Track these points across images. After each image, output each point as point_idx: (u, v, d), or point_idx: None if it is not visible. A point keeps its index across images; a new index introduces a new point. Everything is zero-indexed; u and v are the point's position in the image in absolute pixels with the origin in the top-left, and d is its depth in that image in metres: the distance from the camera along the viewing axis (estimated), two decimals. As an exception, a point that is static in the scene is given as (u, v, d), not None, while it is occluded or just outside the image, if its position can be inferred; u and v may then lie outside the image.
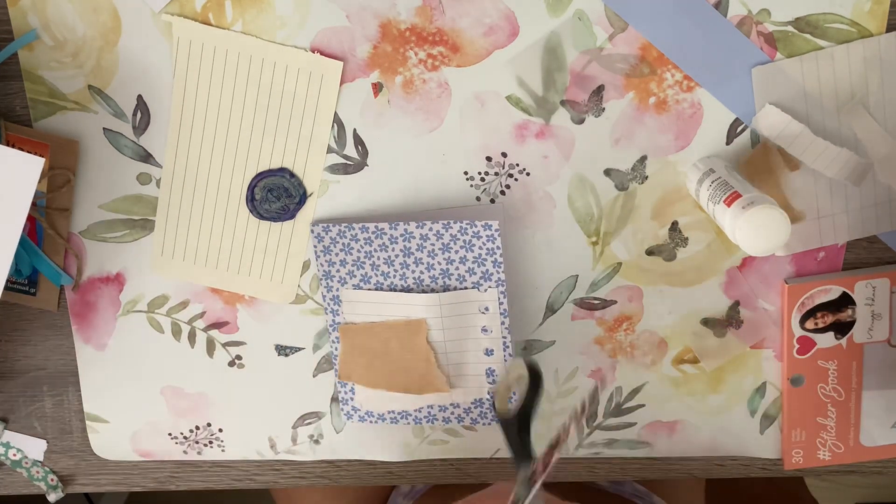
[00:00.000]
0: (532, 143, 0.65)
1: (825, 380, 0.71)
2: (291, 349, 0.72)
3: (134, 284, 0.70)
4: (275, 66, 0.63)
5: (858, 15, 0.61)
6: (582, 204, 0.66)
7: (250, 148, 0.65)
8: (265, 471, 0.77)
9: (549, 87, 0.63)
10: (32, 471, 0.77)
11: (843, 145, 0.64)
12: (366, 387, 0.71)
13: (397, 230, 0.65)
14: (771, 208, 0.57)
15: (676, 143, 0.65)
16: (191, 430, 0.75)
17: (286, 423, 0.74)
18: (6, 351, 0.73)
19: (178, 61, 0.63)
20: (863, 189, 0.65)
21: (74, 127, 0.66)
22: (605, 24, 0.62)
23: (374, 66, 0.63)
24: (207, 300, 0.70)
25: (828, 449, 0.73)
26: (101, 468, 0.77)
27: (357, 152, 0.66)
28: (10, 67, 0.64)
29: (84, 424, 0.75)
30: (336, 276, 0.68)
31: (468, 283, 0.66)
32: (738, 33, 0.62)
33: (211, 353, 0.72)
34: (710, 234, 0.67)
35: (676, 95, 0.63)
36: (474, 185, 0.66)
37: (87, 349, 0.72)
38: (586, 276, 0.69)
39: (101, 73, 0.64)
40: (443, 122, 0.65)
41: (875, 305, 0.69)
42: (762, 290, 0.69)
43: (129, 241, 0.69)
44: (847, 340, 0.70)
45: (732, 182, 0.60)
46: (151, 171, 0.67)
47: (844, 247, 0.68)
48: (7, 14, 0.63)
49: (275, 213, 0.67)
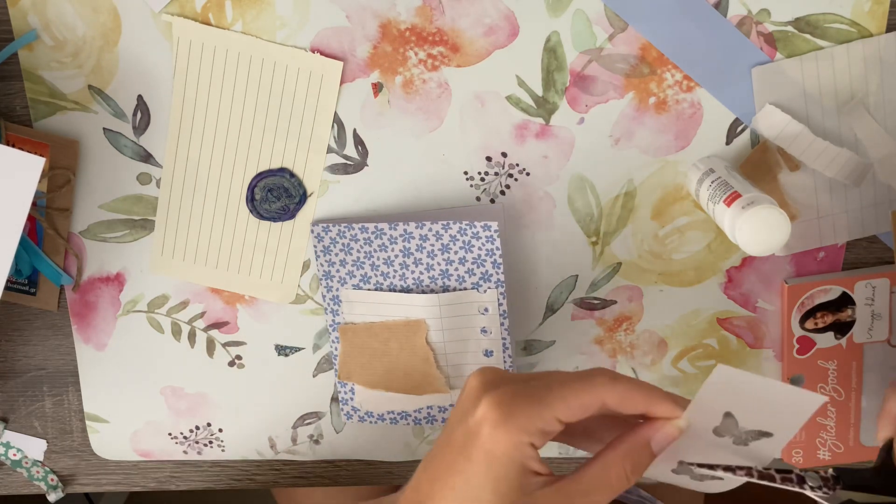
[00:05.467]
0: (532, 143, 0.65)
1: (825, 380, 0.71)
2: (291, 349, 0.72)
3: (134, 284, 0.70)
4: (275, 66, 0.63)
5: (858, 15, 0.61)
6: (582, 204, 0.66)
7: (250, 148, 0.65)
8: (265, 471, 0.77)
9: (549, 87, 0.63)
10: (32, 471, 0.77)
11: (843, 145, 0.64)
12: (365, 387, 0.71)
13: (397, 230, 0.65)
14: (771, 208, 0.57)
15: (676, 143, 0.65)
16: (191, 430, 0.75)
17: (286, 423, 0.74)
18: (6, 351, 0.73)
19: (178, 61, 0.64)
20: (863, 189, 0.65)
21: (74, 127, 0.66)
22: (605, 24, 0.62)
23: (374, 66, 0.63)
24: (207, 300, 0.70)
25: (828, 449, 0.73)
26: (101, 468, 0.77)
27: (357, 152, 0.66)
28: (10, 67, 0.64)
29: (84, 424, 0.75)
30: (336, 276, 0.68)
31: (468, 284, 0.66)
32: (738, 33, 0.62)
33: (211, 353, 0.72)
34: (710, 234, 0.67)
35: (676, 95, 0.63)
36: (474, 185, 0.66)
37: (87, 349, 0.72)
38: (586, 276, 0.69)
39: (101, 73, 0.64)
40: (443, 122, 0.65)
41: (875, 305, 0.69)
42: (762, 290, 0.69)
43: (129, 241, 0.69)
44: (847, 340, 0.70)
45: (732, 182, 0.60)
46: (151, 171, 0.67)
47: (844, 247, 0.68)
48: (7, 14, 0.63)
49: (275, 213, 0.67)
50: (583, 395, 0.47)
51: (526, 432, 0.46)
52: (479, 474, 0.46)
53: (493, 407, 0.46)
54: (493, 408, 0.46)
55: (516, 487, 0.46)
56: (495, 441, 0.46)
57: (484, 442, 0.46)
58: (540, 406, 0.46)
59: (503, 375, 0.49)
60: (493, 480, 0.46)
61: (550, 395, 0.46)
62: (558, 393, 0.47)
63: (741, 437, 0.48)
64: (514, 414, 0.46)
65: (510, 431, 0.46)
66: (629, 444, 0.48)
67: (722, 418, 0.47)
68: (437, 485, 0.47)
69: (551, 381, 0.47)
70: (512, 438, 0.46)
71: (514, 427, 0.46)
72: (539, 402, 0.46)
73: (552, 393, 0.47)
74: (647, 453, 0.48)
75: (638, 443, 0.48)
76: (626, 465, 0.47)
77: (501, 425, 0.46)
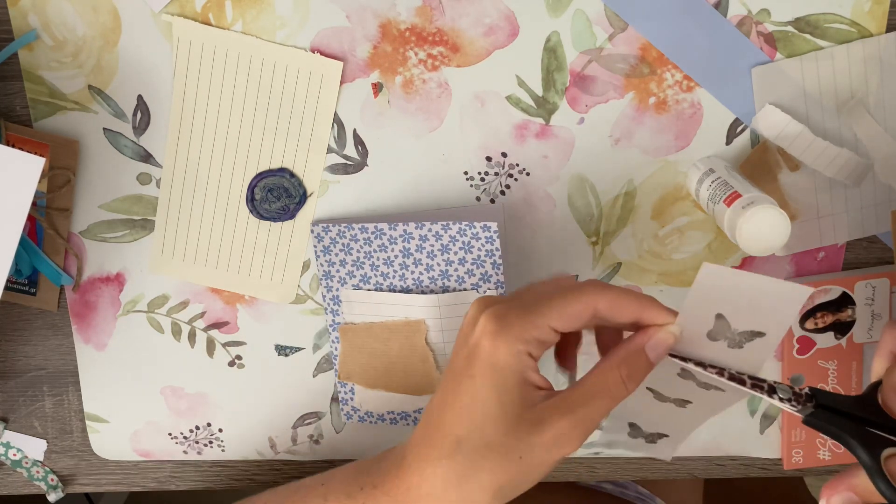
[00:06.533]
0: (532, 143, 0.65)
1: (825, 380, 0.71)
2: (291, 349, 0.72)
3: (134, 284, 0.70)
4: (275, 66, 0.63)
5: (858, 15, 0.61)
6: (582, 204, 0.66)
7: (250, 148, 0.65)
8: (265, 471, 0.77)
9: (549, 87, 0.63)
10: (32, 471, 0.77)
11: (843, 145, 0.64)
12: (365, 387, 0.71)
13: (396, 231, 0.65)
14: (771, 208, 0.57)
15: (676, 143, 0.65)
16: (191, 430, 0.75)
17: (286, 423, 0.74)
18: (6, 351, 0.73)
19: (178, 61, 0.64)
20: (863, 189, 0.65)
21: (74, 127, 0.66)
22: (605, 24, 0.62)
23: (373, 66, 0.63)
24: (207, 300, 0.70)
25: (828, 449, 0.73)
26: (101, 468, 0.77)
27: (357, 152, 0.66)
28: (10, 67, 0.64)
29: (84, 424, 0.75)
30: (336, 276, 0.68)
31: (467, 285, 0.66)
32: (738, 33, 0.62)
33: (211, 353, 0.72)
34: (710, 234, 0.67)
35: (676, 95, 0.63)
36: (474, 185, 0.66)
37: (87, 349, 0.72)
38: (586, 276, 0.69)
39: (101, 73, 0.64)
40: (443, 122, 0.65)
41: (875, 305, 0.69)
42: (762, 290, 0.69)
43: (129, 241, 0.69)
44: (847, 340, 0.70)
45: (732, 182, 0.60)
46: (151, 171, 0.67)
47: (844, 247, 0.68)
48: (7, 14, 0.63)
49: (275, 213, 0.67)
50: (575, 303, 0.48)
51: (522, 341, 0.47)
52: (484, 387, 0.48)
53: (490, 321, 0.48)
54: (490, 321, 0.48)
55: (518, 399, 0.48)
56: (495, 350, 0.47)
57: (485, 355, 0.48)
58: (534, 315, 0.48)
59: (498, 297, 0.51)
60: (497, 392, 0.47)
61: (544, 306, 0.48)
62: (551, 303, 0.48)
63: (735, 338, 0.48)
64: (510, 324, 0.48)
65: (508, 341, 0.47)
66: (625, 351, 0.49)
67: (714, 321, 0.47)
68: (447, 408, 0.49)
69: (544, 292, 0.49)
70: (510, 347, 0.47)
71: (511, 336, 0.47)
72: (533, 312, 0.48)
73: (545, 303, 0.48)
74: (643, 359, 0.49)
75: (633, 349, 0.49)
76: (622, 371, 0.48)
77: (499, 335, 0.47)
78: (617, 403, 0.49)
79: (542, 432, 0.47)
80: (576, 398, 0.48)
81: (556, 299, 0.48)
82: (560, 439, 0.47)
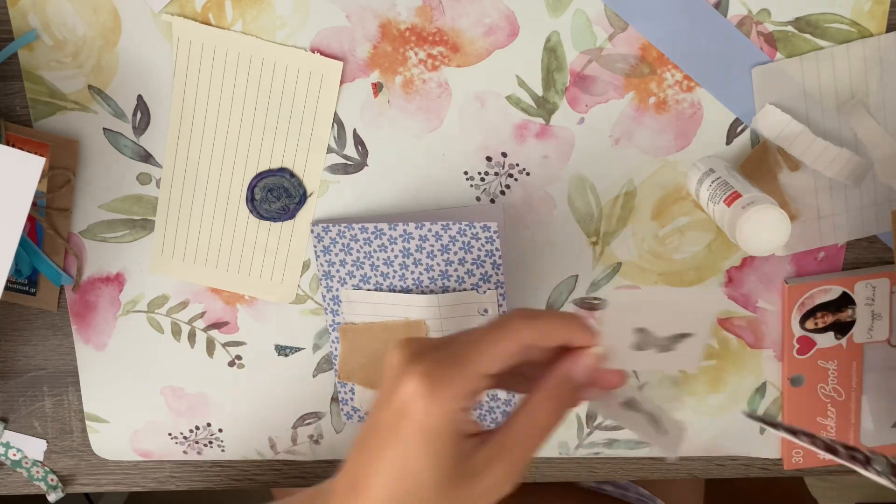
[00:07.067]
0: (532, 143, 0.65)
1: (825, 380, 0.71)
2: (291, 349, 0.72)
3: (134, 284, 0.70)
4: (275, 66, 0.63)
5: (858, 15, 0.61)
6: (582, 204, 0.66)
7: (250, 148, 0.65)
8: (265, 471, 0.77)
9: (549, 87, 0.63)
10: (32, 471, 0.77)
11: (843, 145, 0.64)
12: (365, 387, 0.71)
13: (396, 231, 0.65)
14: (771, 208, 0.57)
15: (676, 143, 0.65)
16: (191, 430, 0.75)
17: (286, 423, 0.74)
18: (6, 351, 0.73)
19: (178, 61, 0.64)
20: (863, 189, 0.65)
21: (74, 127, 0.66)
22: (605, 24, 0.62)
23: (373, 66, 0.63)
24: (207, 300, 0.70)
25: (828, 449, 0.73)
26: (101, 468, 0.77)
27: (357, 152, 0.66)
28: (10, 67, 0.64)
29: (84, 424, 0.75)
30: (336, 276, 0.68)
31: (467, 285, 0.66)
32: (738, 33, 0.62)
33: (211, 353, 0.72)
34: (710, 234, 0.67)
35: (676, 95, 0.63)
36: (474, 185, 0.66)
37: (87, 349, 0.72)
38: (586, 276, 0.69)
39: (101, 73, 0.64)
40: (443, 122, 0.65)
41: (875, 305, 0.69)
42: (762, 290, 0.69)
43: (129, 241, 0.69)
44: (847, 340, 0.70)
45: (732, 182, 0.60)
46: (151, 171, 0.67)
47: (844, 247, 0.68)
48: (7, 14, 0.63)
49: (275, 213, 0.67)
50: (501, 342, 0.46)
51: (456, 399, 0.45)
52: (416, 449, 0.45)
53: (419, 382, 0.45)
54: (419, 382, 0.45)
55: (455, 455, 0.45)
56: (428, 414, 0.45)
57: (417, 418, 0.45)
58: (464, 365, 0.45)
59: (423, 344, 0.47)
60: (432, 455, 0.45)
61: (472, 352, 0.46)
62: (479, 346, 0.46)
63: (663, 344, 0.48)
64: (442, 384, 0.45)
65: (441, 402, 0.45)
66: (551, 382, 0.48)
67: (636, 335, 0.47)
68: (373, 471, 0.46)
69: (469, 339, 0.47)
70: (445, 408, 0.45)
71: (444, 398, 0.45)
72: (463, 362, 0.46)
73: (474, 349, 0.46)
74: (570, 386, 0.48)
75: (559, 378, 0.48)
76: (551, 404, 0.47)
77: (431, 397, 0.45)
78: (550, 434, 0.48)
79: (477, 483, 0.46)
80: (509, 442, 0.47)
81: (483, 342, 0.46)
82: (497, 485, 0.46)
